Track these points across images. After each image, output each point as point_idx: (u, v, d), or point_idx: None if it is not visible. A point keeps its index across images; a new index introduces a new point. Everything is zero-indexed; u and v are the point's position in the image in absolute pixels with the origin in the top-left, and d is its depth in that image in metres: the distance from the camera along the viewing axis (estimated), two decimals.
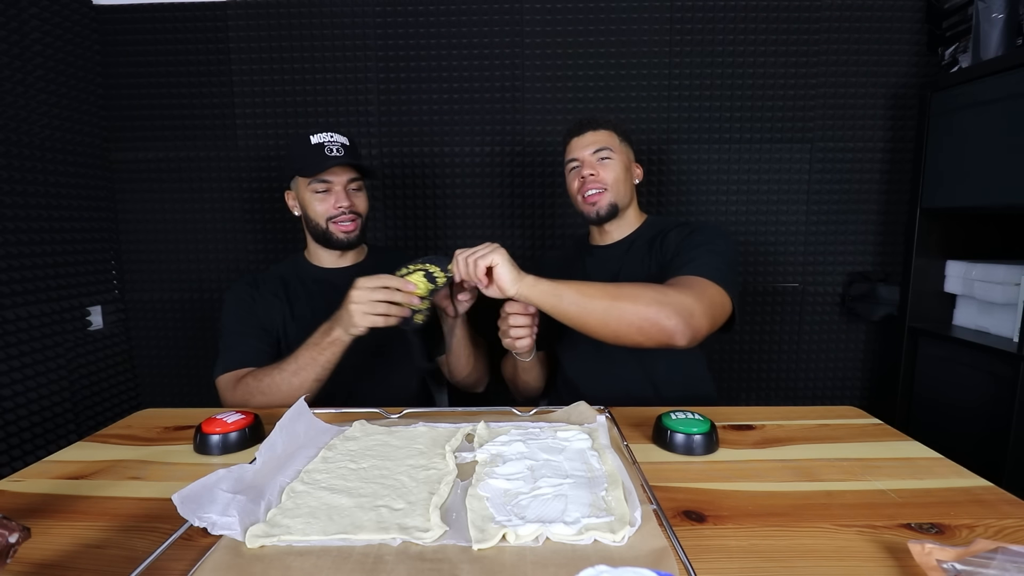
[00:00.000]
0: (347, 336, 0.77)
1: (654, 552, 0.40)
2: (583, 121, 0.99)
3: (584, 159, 0.96)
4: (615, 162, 0.95)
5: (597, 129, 0.97)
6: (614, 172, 0.95)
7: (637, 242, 0.98)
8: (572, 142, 0.98)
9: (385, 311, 0.74)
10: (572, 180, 0.99)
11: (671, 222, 0.98)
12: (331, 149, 0.91)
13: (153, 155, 1.45)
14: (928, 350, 1.29)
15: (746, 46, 1.38)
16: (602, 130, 0.97)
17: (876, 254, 1.45)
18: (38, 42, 1.24)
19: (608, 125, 0.98)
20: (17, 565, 0.40)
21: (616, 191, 0.95)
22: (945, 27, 1.29)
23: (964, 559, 0.37)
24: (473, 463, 0.56)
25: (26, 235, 1.20)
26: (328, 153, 0.91)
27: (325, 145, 0.91)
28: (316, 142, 0.92)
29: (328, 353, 0.79)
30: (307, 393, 0.78)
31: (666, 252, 0.91)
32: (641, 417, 0.68)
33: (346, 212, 0.93)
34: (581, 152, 0.96)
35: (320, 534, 0.42)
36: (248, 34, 1.41)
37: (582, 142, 0.97)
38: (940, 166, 1.24)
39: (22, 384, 1.17)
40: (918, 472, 0.55)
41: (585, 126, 0.98)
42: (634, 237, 1.00)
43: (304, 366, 0.79)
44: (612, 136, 0.97)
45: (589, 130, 0.97)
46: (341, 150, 0.92)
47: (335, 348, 0.78)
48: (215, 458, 0.60)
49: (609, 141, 0.96)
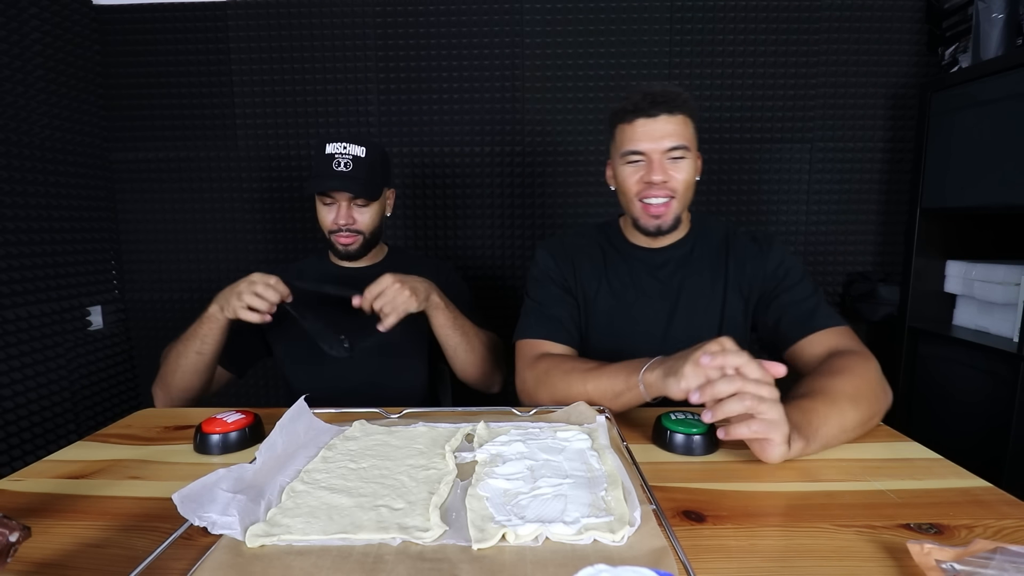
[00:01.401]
0: (220, 315, 0.79)
1: (653, 552, 0.40)
2: (657, 96, 0.74)
3: (653, 156, 0.75)
4: (689, 162, 0.76)
5: (675, 112, 0.74)
6: (685, 175, 0.76)
7: (696, 251, 0.84)
8: (638, 124, 0.75)
9: (258, 307, 0.77)
10: (630, 177, 0.77)
11: (723, 226, 0.86)
12: (339, 163, 0.88)
13: (153, 155, 1.46)
14: (928, 350, 1.29)
15: (746, 46, 1.38)
16: (680, 114, 0.75)
17: (876, 254, 1.45)
18: (38, 42, 1.24)
19: (687, 107, 0.76)
20: (17, 564, 0.40)
21: (684, 199, 0.78)
22: (945, 27, 1.29)
23: (963, 559, 0.37)
24: (473, 463, 0.56)
25: (26, 235, 1.20)
26: (335, 167, 0.88)
27: (335, 157, 0.88)
28: (329, 151, 0.89)
29: (204, 328, 0.81)
30: (189, 365, 0.83)
31: (743, 280, 0.81)
32: (641, 417, 0.68)
33: (342, 230, 0.92)
34: (650, 144, 0.74)
35: (320, 534, 0.42)
36: (248, 34, 1.41)
37: (655, 130, 0.74)
38: (940, 166, 1.24)
39: (22, 384, 1.18)
40: (917, 472, 0.55)
41: (659, 105, 0.74)
42: (690, 242, 0.84)
43: (188, 336, 0.83)
44: (689, 124, 0.76)
45: (664, 112, 0.74)
46: (350, 164, 0.88)
47: (210, 324, 0.80)
48: (215, 458, 0.60)
49: (687, 133, 0.76)
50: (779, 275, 0.80)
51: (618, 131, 0.79)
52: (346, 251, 0.94)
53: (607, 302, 0.84)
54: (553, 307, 0.84)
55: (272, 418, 0.60)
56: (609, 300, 0.84)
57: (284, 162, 1.45)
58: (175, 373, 0.85)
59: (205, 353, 0.83)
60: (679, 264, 0.83)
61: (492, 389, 0.98)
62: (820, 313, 0.75)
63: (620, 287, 0.84)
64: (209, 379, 0.88)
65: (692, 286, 0.82)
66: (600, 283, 0.85)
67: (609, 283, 0.85)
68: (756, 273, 0.81)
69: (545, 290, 0.86)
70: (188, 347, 0.83)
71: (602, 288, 0.85)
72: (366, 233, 0.94)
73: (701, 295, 0.82)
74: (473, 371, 0.93)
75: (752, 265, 0.81)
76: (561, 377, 0.73)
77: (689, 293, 0.82)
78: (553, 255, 0.88)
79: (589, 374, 0.70)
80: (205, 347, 0.82)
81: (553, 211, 1.45)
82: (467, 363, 0.92)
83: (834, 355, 0.70)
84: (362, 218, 0.93)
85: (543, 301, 0.85)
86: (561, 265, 0.86)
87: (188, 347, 0.83)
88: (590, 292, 0.85)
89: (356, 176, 0.88)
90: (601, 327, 0.85)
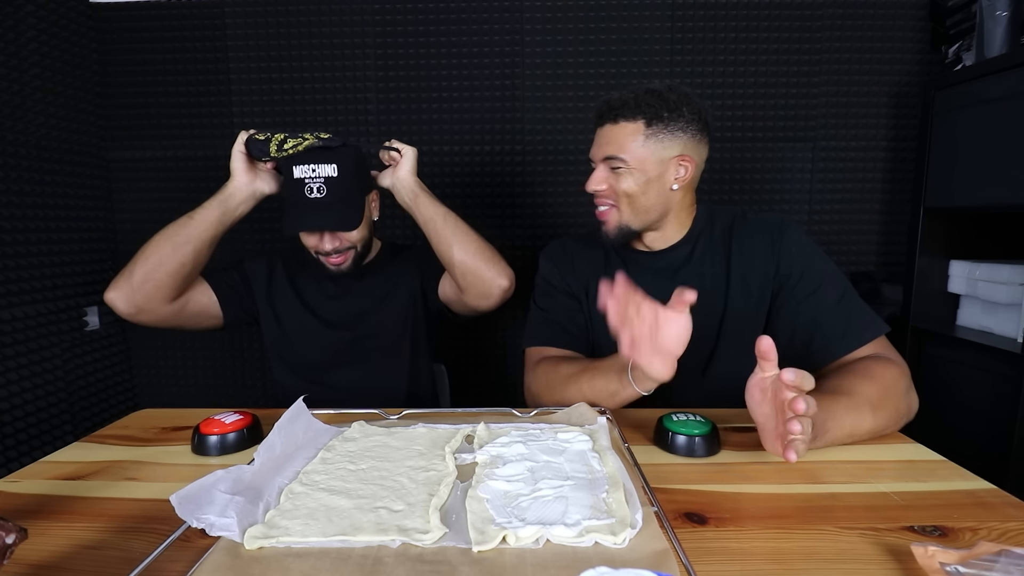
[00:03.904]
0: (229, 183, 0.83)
1: (655, 554, 0.40)
2: (602, 107, 0.76)
3: (596, 164, 0.77)
4: (628, 172, 0.74)
5: (617, 121, 0.74)
6: (624, 186, 0.74)
7: (696, 250, 0.81)
8: (596, 131, 0.79)
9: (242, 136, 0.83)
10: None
11: (730, 218, 0.81)
12: (311, 188, 0.80)
13: (150, 154, 1.45)
14: (931, 350, 1.29)
15: (748, 44, 1.37)
16: (624, 122, 0.73)
17: (879, 254, 1.44)
18: (34, 40, 1.23)
19: (635, 112, 0.73)
20: (13, 566, 0.39)
21: (632, 209, 0.75)
22: (949, 25, 1.28)
23: (967, 562, 0.37)
24: (473, 464, 0.55)
25: (22, 235, 1.20)
26: (308, 195, 0.80)
27: (305, 183, 0.80)
28: (297, 176, 0.80)
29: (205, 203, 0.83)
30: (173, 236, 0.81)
31: (752, 276, 0.76)
32: (642, 419, 0.67)
33: (331, 253, 0.86)
34: (594, 152, 0.78)
35: (319, 535, 0.42)
36: (246, 32, 1.40)
37: (598, 138, 0.77)
38: (944, 165, 1.24)
39: (18, 384, 1.17)
40: (921, 474, 0.54)
41: (604, 115, 0.75)
42: (691, 244, 0.81)
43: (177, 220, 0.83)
44: (636, 132, 0.73)
45: (607, 122, 0.75)
46: (323, 189, 0.80)
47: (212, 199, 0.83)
48: (213, 459, 0.60)
49: (625, 142, 0.73)
50: (795, 273, 0.75)
51: None
52: (338, 271, 0.89)
53: None
54: (556, 313, 0.85)
55: (270, 419, 0.60)
56: None
57: None
58: (148, 245, 0.81)
59: (194, 218, 0.82)
60: (679, 266, 0.82)
61: (498, 280, 0.85)
62: (856, 322, 0.70)
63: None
64: (182, 264, 0.81)
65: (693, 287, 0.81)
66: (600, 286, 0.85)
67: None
68: (768, 271, 0.77)
69: (548, 297, 0.87)
70: (178, 221, 0.82)
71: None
72: (357, 246, 0.89)
73: (702, 294, 0.79)
74: (471, 246, 0.84)
75: (762, 260, 0.77)
76: (561, 382, 0.74)
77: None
78: (554, 261, 0.88)
79: (584, 376, 0.71)
80: (197, 213, 0.82)
81: (553, 211, 1.45)
82: (460, 235, 0.83)
83: (868, 357, 0.69)
84: (347, 235, 0.86)
85: (547, 308, 0.86)
86: (562, 270, 0.87)
87: (178, 221, 0.82)
88: (591, 295, 0.85)
89: (332, 202, 0.81)
90: (604, 330, 0.84)
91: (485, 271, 0.84)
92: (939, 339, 1.27)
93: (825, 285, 0.74)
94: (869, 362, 0.67)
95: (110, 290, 0.82)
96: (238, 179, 0.84)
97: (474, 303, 0.88)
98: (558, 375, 0.75)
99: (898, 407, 0.64)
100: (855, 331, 0.70)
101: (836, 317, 0.71)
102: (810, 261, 0.76)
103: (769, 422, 0.54)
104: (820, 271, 0.75)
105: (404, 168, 0.85)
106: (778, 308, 0.77)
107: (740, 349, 0.80)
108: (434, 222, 0.84)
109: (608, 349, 0.82)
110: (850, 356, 0.70)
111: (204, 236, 0.83)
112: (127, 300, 0.81)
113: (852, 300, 0.73)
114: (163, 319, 0.85)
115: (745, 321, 0.79)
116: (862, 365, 0.67)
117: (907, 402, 0.65)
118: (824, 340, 0.71)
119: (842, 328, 0.71)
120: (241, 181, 0.84)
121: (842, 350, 0.70)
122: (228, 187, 0.84)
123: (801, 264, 0.75)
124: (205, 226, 0.83)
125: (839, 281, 0.75)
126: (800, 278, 0.75)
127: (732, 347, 0.79)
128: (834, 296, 0.73)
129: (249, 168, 0.84)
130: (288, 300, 0.95)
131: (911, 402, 0.66)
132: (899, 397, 0.64)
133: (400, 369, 0.96)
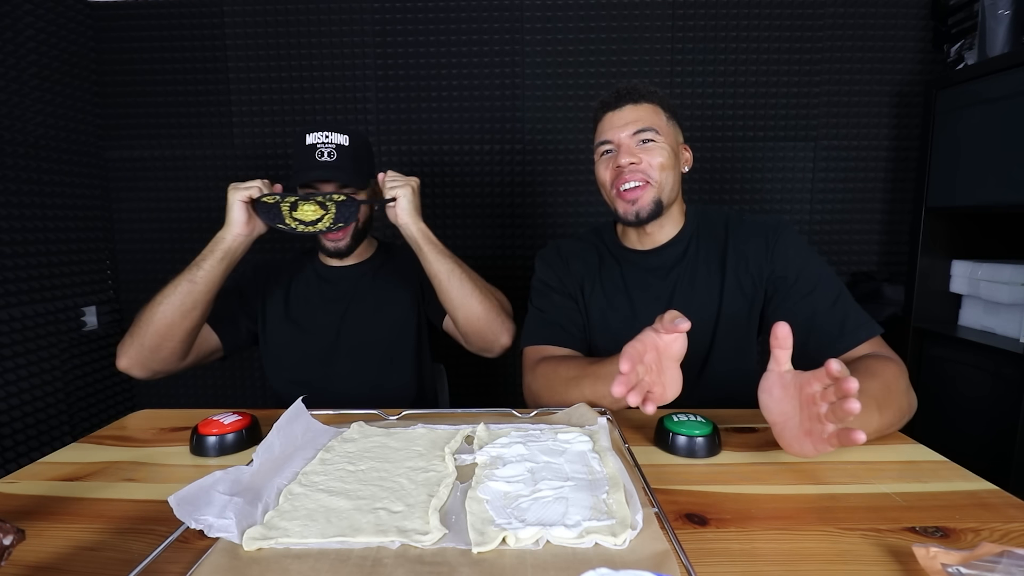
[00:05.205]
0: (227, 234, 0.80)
1: (655, 555, 0.39)
2: (621, 91, 0.78)
3: (621, 142, 0.76)
4: (661, 146, 0.76)
5: (639, 102, 0.77)
6: (660, 159, 0.76)
7: (690, 249, 0.81)
8: (606, 118, 0.79)
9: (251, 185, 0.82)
10: (604, 168, 0.79)
11: (723, 218, 0.82)
12: (323, 152, 0.84)
13: (149, 153, 1.45)
14: (933, 351, 1.29)
15: (749, 43, 1.37)
16: (645, 103, 0.77)
17: (881, 253, 1.44)
18: (32, 39, 1.23)
19: (654, 97, 0.78)
20: (11, 568, 0.39)
21: (662, 185, 0.76)
22: (951, 24, 1.28)
23: (969, 563, 0.37)
24: (473, 465, 0.55)
25: (20, 234, 1.20)
26: (319, 157, 0.84)
27: (318, 148, 0.84)
28: (310, 142, 0.85)
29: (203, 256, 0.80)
30: (176, 301, 0.78)
31: (746, 277, 0.77)
32: (642, 419, 0.67)
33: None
34: (617, 133, 0.77)
35: (318, 537, 0.42)
36: (245, 31, 1.40)
37: (619, 119, 0.77)
38: (946, 164, 1.24)
39: (16, 385, 1.17)
40: (922, 475, 0.54)
41: (624, 98, 0.77)
42: (684, 242, 0.82)
43: (178, 277, 0.79)
44: (658, 112, 0.77)
45: (629, 103, 0.77)
46: (334, 154, 0.84)
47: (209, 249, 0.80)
48: (212, 460, 0.59)
49: (654, 119, 0.77)
50: (791, 275, 0.76)
51: (595, 133, 0.82)
52: (336, 248, 0.91)
53: (601, 304, 0.85)
54: (553, 312, 0.85)
55: (269, 420, 0.60)
56: (602, 302, 0.85)
57: (281, 160, 1.44)
58: (154, 314, 0.78)
59: (198, 282, 0.78)
60: (673, 265, 0.82)
61: (501, 339, 0.86)
62: (851, 322, 0.71)
63: (612, 289, 0.84)
64: (193, 327, 0.81)
65: (686, 287, 0.80)
66: (594, 286, 0.86)
67: (603, 285, 0.85)
68: (761, 272, 0.78)
69: (545, 298, 0.87)
70: (178, 281, 0.79)
71: (596, 290, 0.85)
72: (359, 220, 0.90)
73: (695, 295, 0.80)
74: (476, 308, 0.82)
75: (756, 262, 0.78)
76: (562, 384, 0.74)
77: (683, 294, 0.80)
78: (549, 263, 0.89)
79: (585, 380, 0.71)
80: (199, 275, 0.78)
81: (553, 210, 1.44)
82: (466, 296, 0.82)
83: (868, 356, 0.69)
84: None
85: (544, 308, 0.86)
86: (558, 270, 0.87)
87: (178, 281, 0.79)
88: (586, 294, 0.86)
89: (341, 165, 0.85)
90: (599, 329, 0.85)
91: (487, 332, 0.84)
92: (941, 339, 1.26)
93: (820, 287, 0.74)
94: (869, 360, 0.67)
95: (122, 358, 0.81)
96: (238, 229, 0.81)
97: (475, 351, 0.90)
98: (559, 376, 0.75)
99: (900, 405, 0.64)
100: (851, 331, 0.71)
101: (832, 318, 0.72)
102: (806, 263, 0.76)
103: (791, 420, 0.52)
104: (815, 273, 0.76)
105: (403, 215, 0.81)
106: (773, 310, 0.77)
107: (734, 350, 0.80)
108: (438, 278, 0.82)
109: (605, 348, 0.82)
110: (847, 356, 0.70)
111: (210, 294, 0.81)
112: (143, 368, 0.81)
113: (847, 302, 0.74)
114: (177, 370, 0.86)
115: (739, 322, 0.80)
116: (863, 363, 0.66)
117: (908, 400, 0.65)
118: (820, 341, 0.71)
119: (838, 329, 0.71)
120: (242, 232, 0.81)
121: (839, 350, 0.70)
122: (228, 239, 0.81)
123: (797, 266, 0.76)
124: (210, 284, 0.80)
125: (834, 283, 0.75)
126: (796, 280, 0.75)
127: (726, 348, 0.79)
128: (830, 298, 0.74)
129: (249, 218, 0.82)
130: (280, 317, 0.94)
131: (912, 400, 0.66)
132: (901, 395, 0.64)
133: (404, 374, 0.96)
